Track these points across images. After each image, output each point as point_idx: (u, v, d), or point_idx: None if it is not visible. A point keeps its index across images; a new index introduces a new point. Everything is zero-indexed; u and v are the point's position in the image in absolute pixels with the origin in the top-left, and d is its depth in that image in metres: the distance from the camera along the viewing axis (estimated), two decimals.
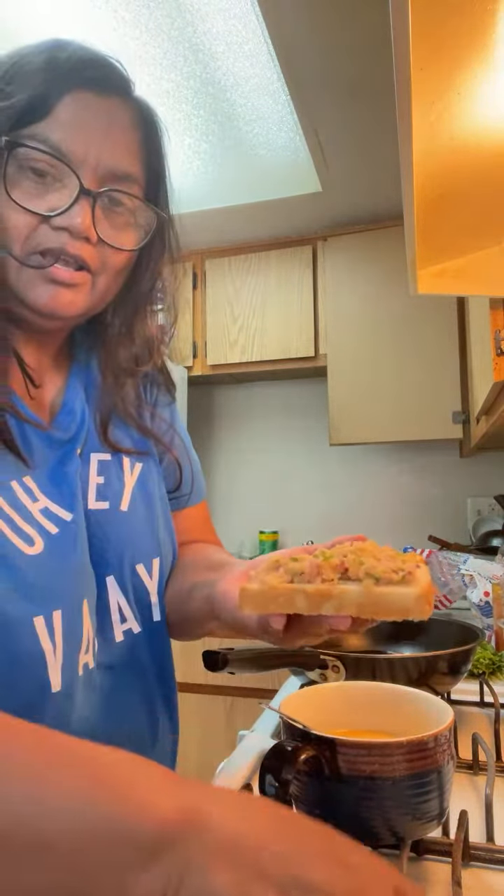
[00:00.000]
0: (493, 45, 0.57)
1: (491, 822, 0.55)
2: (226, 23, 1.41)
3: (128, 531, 0.61)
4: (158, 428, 0.68)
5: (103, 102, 0.51)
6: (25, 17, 1.39)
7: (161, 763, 0.57)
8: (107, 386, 0.63)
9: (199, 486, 0.77)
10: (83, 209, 0.51)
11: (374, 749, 0.47)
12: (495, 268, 1.00)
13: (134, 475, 0.63)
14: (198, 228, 2.46)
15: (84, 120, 0.50)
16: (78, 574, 0.55)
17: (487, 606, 1.26)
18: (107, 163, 0.52)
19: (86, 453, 0.60)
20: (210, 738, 2.02)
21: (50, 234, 0.51)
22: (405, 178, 0.71)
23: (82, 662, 0.55)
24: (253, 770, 0.70)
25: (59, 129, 0.49)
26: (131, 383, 0.64)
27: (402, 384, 2.30)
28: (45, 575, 0.51)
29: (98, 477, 0.60)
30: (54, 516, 0.53)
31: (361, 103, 1.73)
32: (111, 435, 0.62)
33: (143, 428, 0.66)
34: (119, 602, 0.60)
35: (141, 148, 0.55)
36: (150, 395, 0.69)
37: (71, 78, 0.50)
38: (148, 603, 0.63)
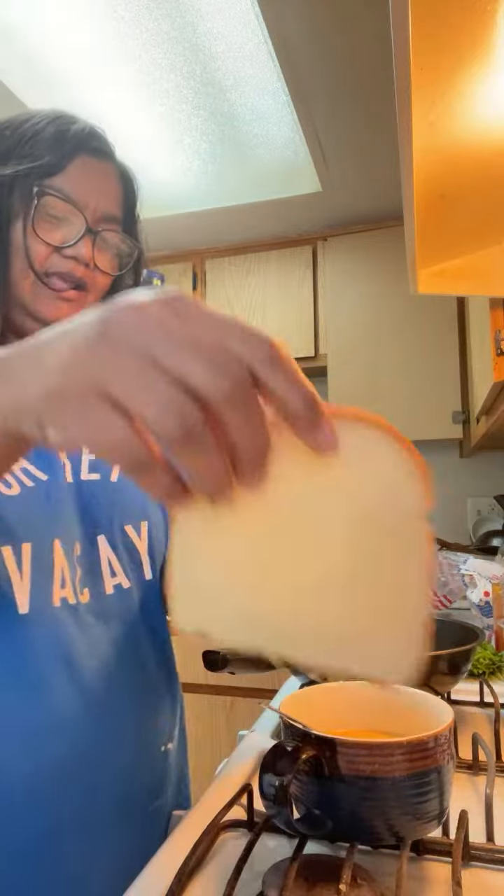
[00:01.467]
0: (493, 45, 0.57)
1: (491, 822, 0.55)
2: (226, 23, 1.41)
3: (117, 497, 0.70)
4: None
5: (100, 165, 0.69)
6: (26, 17, 1.39)
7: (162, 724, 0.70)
8: None
9: None
10: (86, 243, 0.66)
11: (374, 749, 0.47)
12: (495, 268, 1.00)
13: None
14: (198, 228, 2.46)
15: (88, 177, 0.67)
16: (50, 519, 0.63)
17: (487, 606, 1.26)
18: (102, 208, 0.68)
19: None
20: (210, 738, 2.02)
21: (60, 260, 0.65)
22: (405, 178, 0.71)
23: (58, 595, 0.62)
24: (253, 770, 0.70)
25: (70, 183, 0.65)
26: None
27: (402, 384, 2.29)
28: (18, 514, 0.60)
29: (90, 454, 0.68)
30: (31, 475, 0.63)
31: (361, 103, 1.73)
32: None
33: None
34: (109, 558, 0.68)
35: (122, 197, 0.72)
36: None
37: (79, 146, 0.66)
38: (139, 561, 0.71)
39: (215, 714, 2.03)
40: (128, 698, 0.66)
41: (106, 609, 0.66)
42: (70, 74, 1.58)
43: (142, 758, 0.67)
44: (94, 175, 0.68)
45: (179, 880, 0.49)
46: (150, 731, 0.69)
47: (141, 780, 0.67)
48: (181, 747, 0.78)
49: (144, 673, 0.70)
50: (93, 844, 0.60)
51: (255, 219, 2.39)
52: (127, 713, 0.66)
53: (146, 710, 0.69)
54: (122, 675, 0.66)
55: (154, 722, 0.70)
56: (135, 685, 0.68)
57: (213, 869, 0.52)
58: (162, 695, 0.72)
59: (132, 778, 0.65)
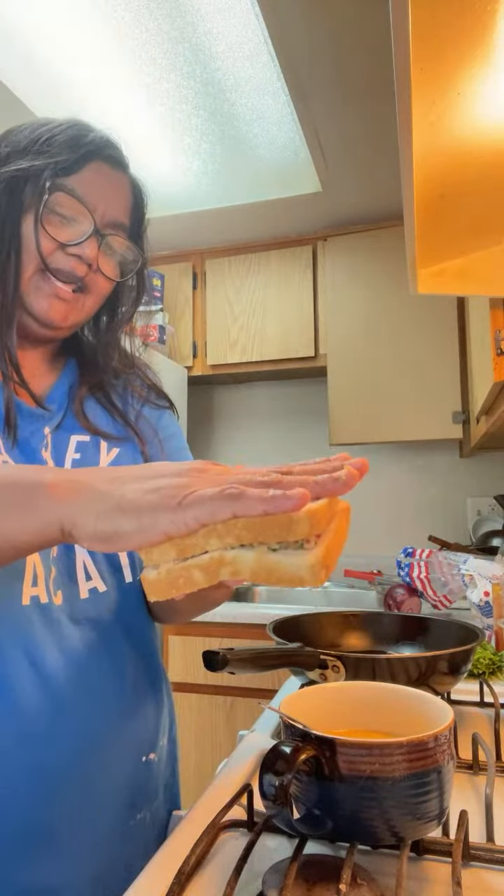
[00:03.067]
0: (493, 45, 0.57)
1: (491, 822, 0.55)
2: (226, 23, 1.41)
3: None
4: (141, 427, 0.77)
5: (113, 173, 0.70)
6: (26, 17, 1.39)
7: (142, 733, 0.68)
8: (85, 381, 0.74)
9: None
10: (92, 244, 0.66)
11: (374, 749, 0.47)
12: (495, 268, 1.00)
13: (110, 456, 0.72)
14: (198, 228, 2.46)
15: (100, 182, 0.68)
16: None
17: (487, 606, 1.26)
18: (111, 214, 0.68)
19: (64, 434, 0.69)
20: (210, 738, 2.02)
21: (63, 258, 0.66)
22: (405, 178, 0.71)
23: (28, 594, 0.60)
24: (253, 770, 0.70)
25: (83, 185, 0.66)
26: (111, 384, 0.77)
27: (402, 384, 2.30)
28: None
29: (75, 454, 0.69)
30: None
31: (361, 103, 1.73)
32: (88, 415, 0.72)
33: (123, 417, 0.76)
34: (85, 562, 0.66)
35: (132, 208, 0.73)
36: (136, 402, 0.80)
37: (96, 152, 0.67)
38: (118, 564, 0.69)
39: (215, 714, 2.03)
40: (100, 704, 0.64)
41: (79, 613, 0.64)
42: (70, 74, 1.58)
43: (118, 768, 0.65)
44: (107, 181, 0.68)
45: (179, 880, 0.49)
46: (128, 741, 0.66)
47: (117, 792, 0.64)
48: (170, 757, 0.75)
49: (121, 679, 0.67)
50: (62, 861, 0.58)
51: (255, 219, 2.39)
52: (98, 720, 0.63)
53: (123, 719, 0.66)
54: (95, 680, 0.63)
55: (133, 731, 0.67)
56: (110, 691, 0.65)
57: (213, 869, 0.52)
58: (143, 703, 0.69)
59: (106, 790, 0.63)
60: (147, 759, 0.69)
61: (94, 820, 0.61)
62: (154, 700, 0.71)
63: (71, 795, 0.59)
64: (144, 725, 0.69)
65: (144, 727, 0.69)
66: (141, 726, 0.68)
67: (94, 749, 0.62)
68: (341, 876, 0.43)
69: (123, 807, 0.65)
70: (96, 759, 0.62)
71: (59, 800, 0.58)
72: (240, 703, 2.01)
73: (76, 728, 0.60)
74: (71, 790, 0.59)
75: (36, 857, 0.57)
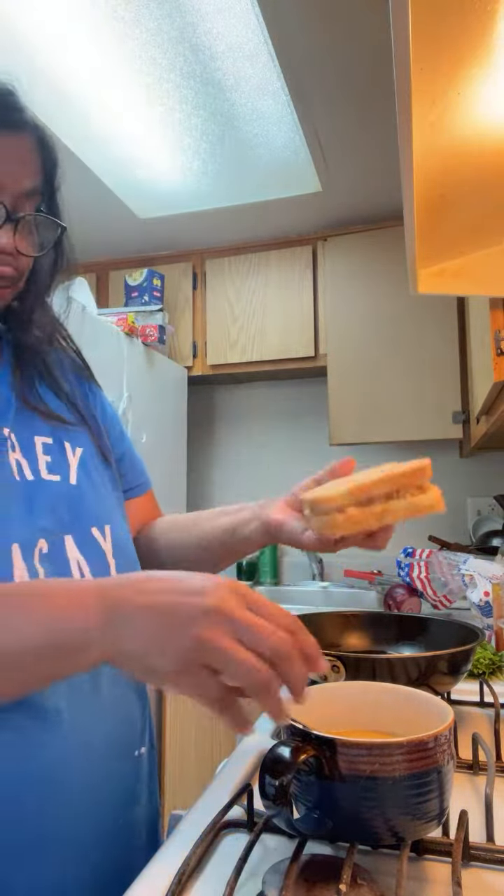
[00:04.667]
0: (493, 45, 0.57)
1: (491, 822, 0.55)
2: (226, 23, 1.41)
3: (79, 500, 0.68)
4: (86, 408, 0.76)
5: (14, 139, 0.62)
6: (25, 17, 1.39)
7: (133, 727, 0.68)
8: (20, 362, 0.71)
9: (146, 476, 0.88)
10: (7, 231, 0.61)
11: (374, 749, 0.47)
12: (495, 268, 1.00)
13: (76, 456, 0.71)
14: (198, 228, 2.46)
15: (3, 157, 0.61)
16: (3, 522, 0.60)
17: (487, 606, 1.26)
18: (21, 186, 0.62)
19: (27, 433, 0.67)
20: (210, 738, 2.02)
21: None
22: (405, 178, 0.71)
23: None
24: (253, 770, 0.70)
25: None
26: (43, 360, 0.73)
27: (402, 384, 2.30)
28: None
29: (45, 456, 0.67)
30: None
31: (361, 103, 1.73)
32: (33, 401, 0.69)
33: (70, 400, 0.74)
34: (78, 559, 0.65)
35: (42, 166, 0.65)
36: (71, 375, 0.78)
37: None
38: (106, 563, 0.68)
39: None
40: (93, 700, 0.62)
41: None
42: (70, 74, 1.58)
43: (112, 766, 0.64)
44: (10, 151, 0.61)
45: (179, 880, 0.49)
46: (120, 735, 0.65)
47: (112, 789, 0.63)
48: (151, 753, 0.73)
49: (111, 674, 0.65)
50: (63, 861, 0.57)
51: (255, 219, 2.39)
52: (91, 717, 0.62)
53: (115, 714, 0.65)
54: (87, 676, 0.62)
55: (125, 724, 0.66)
56: (101, 686, 0.64)
57: (213, 869, 0.52)
58: (129, 696, 0.68)
59: (101, 787, 0.62)
60: (139, 752, 0.68)
61: (93, 821, 0.61)
62: (137, 693, 0.70)
63: (69, 796, 0.58)
64: (133, 720, 0.68)
65: (134, 720, 0.68)
66: (131, 721, 0.68)
67: (90, 746, 0.61)
68: (341, 876, 0.43)
69: (119, 805, 0.64)
70: (94, 756, 0.61)
71: (57, 801, 0.57)
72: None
73: (70, 725, 0.59)
74: (69, 790, 0.58)
75: (41, 860, 0.56)
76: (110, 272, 2.70)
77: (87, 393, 0.79)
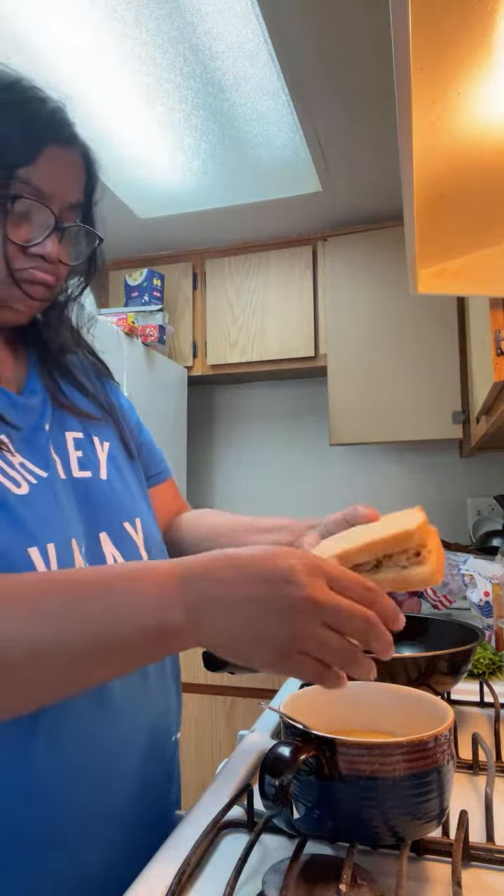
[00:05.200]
0: (493, 45, 0.57)
1: (491, 822, 0.55)
2: (226, 23, 1.41)
3: (110, 495, 0.70)
4: (106, 401, 0.80)
5: (67, 153, 0.65)
6: (25, 16, 1.39)
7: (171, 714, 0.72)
8: (46, 364, 0.74)
9: (164, 464, 0.91)
10: (53, 240, 0.64)
11: (374, 749, 0.47)
12: (495, 268, 1.00)
13: (105, 451, 0.73)
14: (198, 228, 2.46)
15: (57, 168, 0.64)
16: (62, 517, 0.62)
17: (487, 606, 1.26)
18: (68, 199, 0.66)
19: (60, 431, 0.69)
20: (210, 738, 2.02)
21: (25, 260, 0.64)
22: (405, 178, 0.71)
23: None
24: (253, 770, 0.70)
25: (40, 176, 0.62)
26: (68, 363, 0.77)
27: (402, 384, 2.30)
28: (34, 513, 0.58)
29: (76, 451, 0.69)
30: (31, 471, 0.62)
31: (361, 103, 1.73)
32: (62, 397, 0.73)
33: (89, 393, 0.77)
34: (114, 554, 0.67)
35: (86, 181, 0.69)
36: (93, 376, 0.82)
37: (49, 136, 0.63)
38: (139, 556, 0.70)
39: (215, 714, 2.03)
40: (142, 688, 0.66)
41: None
42: (70, 74, 1.58)
43: (156, 748, 0.67)
44: (63, 164, 0.65)
45: (179, 880, 0.49)
46: (161, 721, 0.68)
47: (154, 772, 0.67)
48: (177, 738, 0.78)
49: (160, 664, 0.70)
50: (108, 839, 0.60)
51: (255, 219, 2.39)
52: (141, 703, 0.65)
53: (159, 700, 0.69)
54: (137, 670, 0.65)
55: (165, 711, 0.70)
56: (148, 675, 0.68)
57: (213, 869, 0.52)
58: (170, 683, 0.72)
59: (148, 769, 0.65)
60: (175, 738, 0.72)
61: (137, 802, 0.63)
62: (174, 680, 0.74)
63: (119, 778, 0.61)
64: (171, 706, 0.72)
65: (171, 708, 0.72)
66: (169, 707, 0.71)
67: (138, 731, 0.64)
68: (341, 876, 0.43)
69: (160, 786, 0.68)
70: (140, 742, 0.64)
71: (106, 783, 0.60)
72: (240, 703, 2.01)
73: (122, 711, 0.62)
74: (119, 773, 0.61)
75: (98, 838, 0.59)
76: (110, 272, 2.70)
77: (106, 389, 0.82)
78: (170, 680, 0.73)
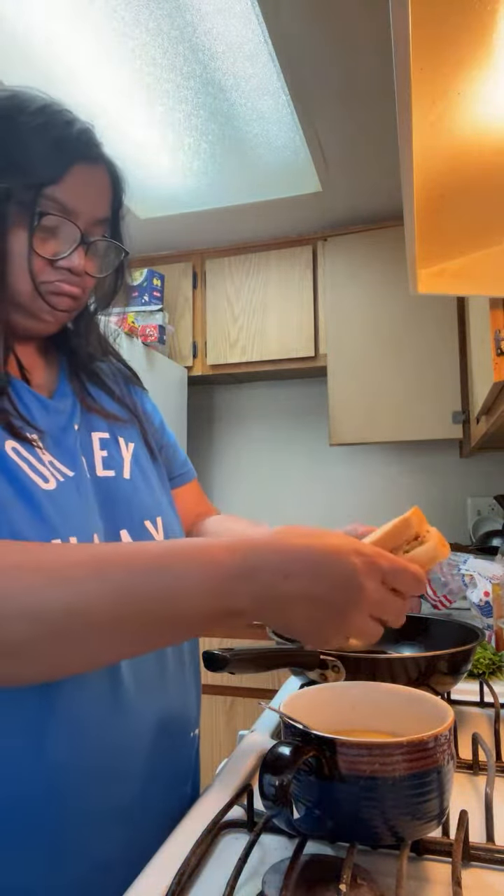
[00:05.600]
0: (493, 45, 0.57)
1: (491, 822, 0.55)
2: (226, 23, 1.41)
3: (133, 494, 0.73)
4: (132, 404, 0.83)
5: (94, 170, 0.68)
6: (24, 16, 1.39)
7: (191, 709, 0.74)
8: (75, 370, 0.78)
9: (188, 467, 0.94)
10: (80, 253, 0.67)
11: (374, 749, 0.47)
12: (495, 268, 1.00)
13: (129, 451, 0.76)
14: (198, 228, 2.46)
15: (84, 185, 0.67)
16: (85, 513, 0.64)
17: (487, 606, 1.26)
18: (94, 214, 0.68)
19: (87, 431, 0.72)
20: (210, 738, 2.02)
21: (53, 272, 0.67)
22: (405, 178, 0.71)
23: None
24: (253, 770, 0.70)
25: (66, 193, 0.65)
26: (97, 369, 0.81)
27: (402, 384, 2.30)
28: (60, 507, 0.61)
29: (102, 451, 0.72)
30: (59, 470, 0.65)
31: (361, 103, 1.73)
32: (90, 400, 0.76)
33: (116, 396, 0.81)
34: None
35: (112, 197, 0.72)
36: (121, 381, 0.85)
37: (76, 155, 0.66)
38: None
39: (215, 714, 2.03)
40: (160, 684, 0.67)
41: None
42: (70, 74, 1.58)
43: (173, 743, 0.68)
44: (90, 182, 0.68)
45: (179, 880, 0.49)
46: (179, 716, 0.70)
47: (171, 768, 0.69)
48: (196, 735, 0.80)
49: (179, 661, 0.71)
50: (122, 833, 0.61)
51: (255, 219, 2.39)
52: (158, 697, 0.67)
53: (177, 695, 0.70)
54: (155, 665, 0.67)
55: (183, 705, 0.71)
56: (169, 673, 0.69)
57: (213, 869, 0.52)
58: (190, 679, 0.74)
59: (162, 767, 0.67)
60: (194, 734, 0.73)
61: (152, 797, 0.65)
62: (195, 677, 0.76)
63: (134, 774, 0.63)
64: (190, 703, 0.73)
65: (190, 704, 0.73)
66: (188, 703, 0.72)
67: (156, 727, 0.65)
68: (341, 876, 0.43)
69: (175, 781, 0.70)
70: (159, 736, 0.66)
71: (124, 778, 0.62)
72: (240, 703, 2.01)
73: (142, 706, 0.64)
74: (134, 769, 0.63)
75: (112, 834, 0.60)
76: None
77: (132, 394, 0.86)
78: (189, 674, 0.74)
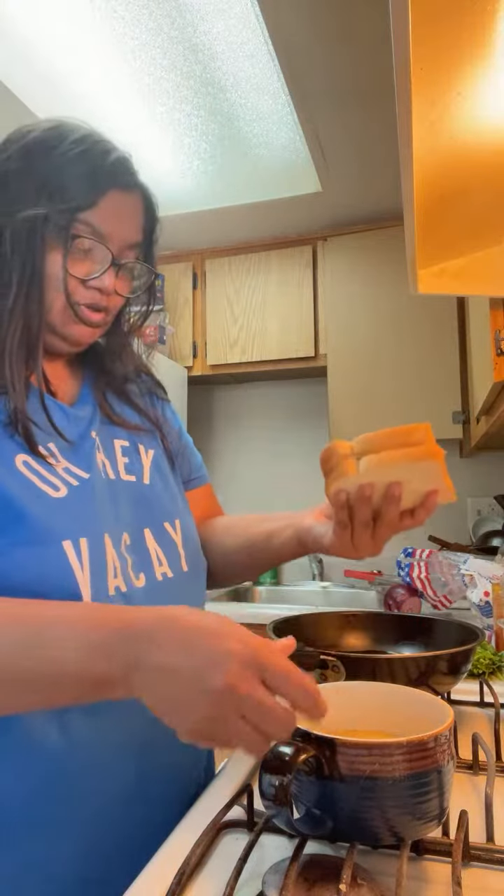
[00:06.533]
0: (493, 45, 0.57)
1: (491, 822, 0.55)
2: (226, 23, 1.41)
3: (153, 497, 0.77)
4: (154, 415, 0.87)
5: (128, 197, 0.72)
6: (24, 17, 1.39)
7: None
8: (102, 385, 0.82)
9: (202, 471, 0.97)
10: (110, 274, 0.71)
11: (374, 749, 0.47)
12: (495, 268, 1.00)
13: (149, 457, 0.80)
14: (198, 228, 2.46)
15: (117, 211, 0.71)
16: (97, 514, 0.67)
17: (487, 606, 1.26)
18: (126, 238, 0.72)
19: (108, 438, 0.76)
20: None
21: (84, 291, 0.70)
22: (405, 178, 0.71)
23: (112, 585, 0.66)
24: (253, 770, 0.70)
25: (100, 218, 0.69)
26: (125, 385, 0.84)
27: (402, 384, 2.29)
28: (70, 512, 0.64)
29: (123, 458, 0.76)
30: (74, 474, 0.68)
31: (361, 103, 1.73)
32: (114, 414, 0.79)
33: (141, 410, 0.84)
34: (156, 550, 0.74)
35: (144, 223, 0.76)
36: (147, 396, 0.89)
37: (111, 182, 0.70)
38: (177, 554, 0.76)
39: None
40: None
41: (157, 594, 0.71)
42: (70, 74, 1.58)
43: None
44: (123, 208, 0.71)
45: (179, 880, 0.49)
46: None
47: (193, 757, 0.73)
48: None
49: None
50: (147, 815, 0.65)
51: (255, 219, 2.39)
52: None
53: None
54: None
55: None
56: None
57: (213, 869, 0.52)
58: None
59: (183, 755, 0.71)
60: None
61: (170, 782, 0.69)
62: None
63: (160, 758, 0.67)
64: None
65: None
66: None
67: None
68: (341, 876, 0.43)
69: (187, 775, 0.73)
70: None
71: (149, 765, 0.66)
72: None
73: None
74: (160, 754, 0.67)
75: (132, 818, 0.64)
76: None
77: (154, 404, 0.90)
78: None
